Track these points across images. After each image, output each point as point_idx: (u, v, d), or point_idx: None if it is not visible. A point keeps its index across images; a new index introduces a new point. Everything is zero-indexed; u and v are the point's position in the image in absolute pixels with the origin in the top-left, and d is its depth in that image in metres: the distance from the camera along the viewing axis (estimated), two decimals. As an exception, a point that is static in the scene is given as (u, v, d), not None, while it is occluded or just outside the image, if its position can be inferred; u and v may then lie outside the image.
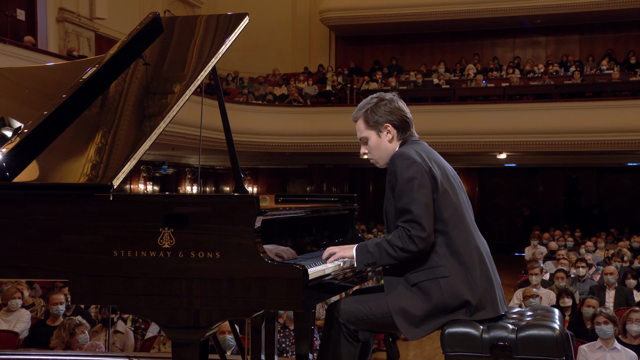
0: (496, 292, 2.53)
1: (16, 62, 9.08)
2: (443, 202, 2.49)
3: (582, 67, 15.65)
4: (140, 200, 2.45)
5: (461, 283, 2.46)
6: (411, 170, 2.46)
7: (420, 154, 2.53)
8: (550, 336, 2.40)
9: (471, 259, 2.49)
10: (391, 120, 2.63)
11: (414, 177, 2.45)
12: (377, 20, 17.22)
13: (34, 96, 3.21)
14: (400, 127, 2.64)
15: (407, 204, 2.43)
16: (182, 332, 2.34)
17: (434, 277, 2.47)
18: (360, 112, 2.68)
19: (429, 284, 2.47)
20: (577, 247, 11.31)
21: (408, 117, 2.67)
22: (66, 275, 2.39)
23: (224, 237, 2.29)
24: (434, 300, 2.46)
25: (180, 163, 18.19)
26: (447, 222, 2.49)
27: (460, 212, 2.53)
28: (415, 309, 2.47)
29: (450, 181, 2.57)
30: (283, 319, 5.54)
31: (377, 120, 2.64)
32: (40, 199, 2.45)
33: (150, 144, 2.58)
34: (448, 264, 2.47)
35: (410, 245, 2.41)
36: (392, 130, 2.64)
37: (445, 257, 2.48)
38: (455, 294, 2.45)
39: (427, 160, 2.52)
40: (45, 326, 5.46)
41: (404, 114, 2.66)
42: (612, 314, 5.03)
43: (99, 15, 13.85)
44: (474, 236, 2.54)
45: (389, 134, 2.64)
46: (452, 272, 2.46)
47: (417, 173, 2.46)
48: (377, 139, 2.65)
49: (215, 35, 3.20)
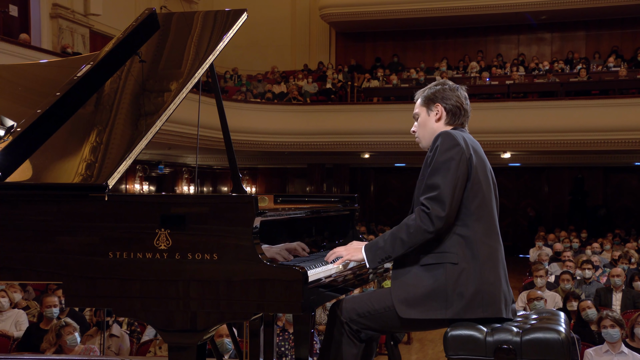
0: (501, 294, 2.53)
1: (9, 59, 9.07)
2: (473, 192, 2.51)
3: (588, 64, 15.65)
4: (136, 201, 2.45)
5: (466, 274, 2.46)
6: (452, 151, 2.48)
7: (466, 140, 2.56)
8: (555, 339, 2.40)
9: (484, 254, 2.49)
10: (444, 102, 2.68)
11: (453, 159, 2.47)
12: (378, 16, 17.23)
13: (27, 94, 3.21)
14: (451, 111, 2.68)
15: (437, 180, 2.45)
16: (178, 335, 2.34)
17: (442, 261, 2.48)
18: (422, 92, 2.76)
19: (436, 267, 2.48)
20: (583, 248, 11.31)
21: (463, 107, 2.69)
22: (60, 278, 2.39)
23: (221, 238, 2.29)
24: (435, 283, 2.47)
25: (177, 162, 18.19)
26: (471, 213, 2.50)
27: (488, 207, 2.54)
28: (414, 288, 2.49)
29: (486, 175, 2.58)
30: (282, 322, 5.54)
31: (431, 98, 2.70)
32: (33, 199, 2.45)
33: (146, 143, 2.58)
34: (460, 253, 2.47)
35: (427, 225, 2.42)
36: (442, 111, 2.68)
37: (459, 245, 2.48)
38: (457, 282, 2.45)
39: (470, 148, 2.54)
40: (38, 329, 5.46)
41: (461, 102, 2.69)
42: (618, 317, 5.03)
43: (93, 12, 13.85)
44: (493, 233, 2.55)
45: (437, 114, 2.68)
46: (462, 261, 2.47)
47: (457, 155, 2.48)
48: (425, 116, 2.71)
49: (212, 31, 3.20)
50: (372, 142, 14.56)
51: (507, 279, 2.59)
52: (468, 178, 2.50)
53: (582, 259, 8.91)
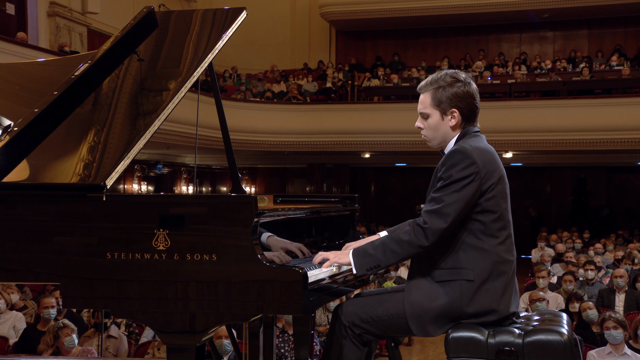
0: (514, 306, 2.53)
1: (6, 58, 9.07)
2: (488, 207, 2.45)
3: (591, 63, 15.65)
4: (134, 201, 2.45)
5: (485, 292, 2.44)
6: (467, 170, 2.42)
7: (482, 155, 2.48)
8: (558, 341, 2.40)
9: (500, 269, 2.46)
10: (460, 106, 2.53)
11: (466, 178, 2.41)
12: (379, 14, 17.23)
13: (24, 93, 3.21)
14: (467, 115, 2.56)
15: (444, 195, 2.40)
16: (177, 337, 2.34)
17: (458, 278, 2.45)
18: (430, 86, 2.57)
19: (452, 284, 2.46)
20: (586, 249, 11.31)
21: (477, 107, 2.59)
22: (57, 278, 2.39)
23: (220, 238, 2.29)
24: (451, 301, 2.45)
25: (175, 162, 18.19)
26: (486, 227, 2.46)
27: (505, 221, 2.50)
28: (430, 304, 2.46)
29: (505, 188, 2.53)
30: (282, 324, 5.54)
31: (445, 101, 2.53)
32: (30, 200, 2.45)
33: (144, 142, 2.58)
34: (476, 269, 2.44)
35: (421, 239, 2.39)
36: (458, 117, 2.54)
37: (475, 261, 2.45)
38: (475, 301, 2.44)
39: (485, 164, 2.47)
40: (35, 331, 5.46)
41: (475, 103, 2.57)
42: (621, 319, 5.03)
43: (91, 10, 13.85)
44: (510, 247, 2.52)
45: (453, 120, 2.55)
46: (477, 278, 2.44)
47: (471, 175, 2.42)
48: (439, 120, 2.56)
49: (211, 30, 3.20)
50: (373, 141, 14.56)
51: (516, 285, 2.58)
52: (484, 193, 2.44)
53: (581, 259, 8.92)
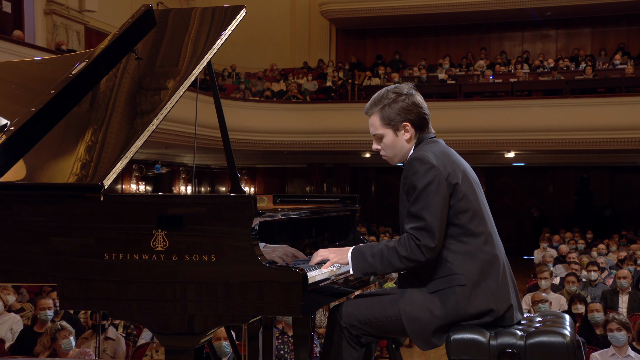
0: (512, 298, 2.54)
1: (2, 56, 9.07)
2: (461, 207, 2.48)
3: (594, 61, 15.65)
4: (132, 201, 2.45)
5: (479, 292, 2.46)
6: (429, 175, 2.43)
7: (439, 157, 2.50)
8: (560, 343, 2.40)
9: (490, 266, 2.49)
10: (410, 118, 2.58)
11: (431, 183, 2.43)
12: (380, 12, 17.22)
13: (21, 92, 3.21)
14: (418, 125, 2.60)
15: (421, 209, 2.42)
16: (175, 338, 2.34)
17: (450, 285, 2.47)
18: (375, 107, 2.62)
19: (446, 292, 2.47)
20: (589, 249, 11.30)
21: (426, 114, 2.62)
22: (55, 279, 2.39)
23: (219, 239, 2.29)
24: (448, 310, 2.46)
25: (174, 162, 18.19)
26: (465, 228, 2.48)
27: (480, 217, 2.52)
28: (429, 318, 2.48)
29: (471, 184, 2.55)
30: (281, 325, 5.54)
31: (394, 118, 2.58)
32: (27, 200, 2.45)
33: (142, 142, 2.58)
34: (465, 272, 2.46)
35: (418, 255, 2.41)
36: (411, 129, 2.59)
37: (462, 264, 2.47)
38: (472, 304, 2.45)
39: (445, 165, 2.49)
40: (32, 332, 5.46)
41: (423, 111, 2.61)
42: (625, 320, 5.03)
43: (88, 8, 13.85)
44: (492, 242, 2.53)
45: (406, 133, 2.60)
46: (470, 280, 2.46)
47: (435, 178, 2.43)
48: (393, 137, 2.61)
49: (210, 28, 3.21)
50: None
51: (513, 279, 2.59)
52: (454, 194, 2.47)
53: (584, 260, 8.91)
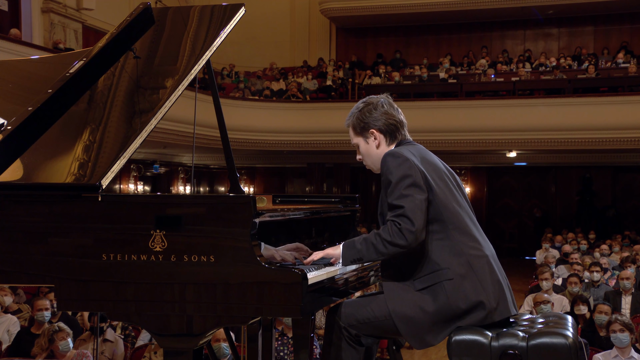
0: (506, 292, 2.55)
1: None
2: (439, 203, 2.52)
3: (597, 60, 15.64)
4: (130, 201, 2.45)
5: (468, 285, 2.48)
6: (403, 167, 2.50)
7: (414, 153, 2.57)
8: (563, 344, 2.40)
9: (476, 260, 2.51)
10: (377, 125, 2.67)
11: (406, 175, 2.48)
12: (380, 11, 17.22)
13: (18, 91, 3.21)
14: (387, 131, 2.68)
15: (398, 199, 2.46)
16: (174, 340, 2.34)
17: (438, 280, 2.50)
18: (349, 119, 2.74)
19: (434, 288, 2.50)
20: (591, 250, 11.30)
21: (396, 120, 2.69)
22: (52, 280, 2.39)
23: (218, 239, 2.30)
24: (439, 305, 2.48)
25: (172, 162, 18.19)
26: (445, 224, 2.53)
27: (458, 213, 2.56)
28: (421, 315, 2.49)
29: (446, 182, 2.60)
30: (281, 326, 5.54)
31: (363, 126, 2.69)
32: (24, 200, 2.45)
33: (141, 141, 2.58)
34: (452, 266, 2.49)
35: (399, 239, 2.43)
36: (379, 135, 2.68)
37: (448, 259, 2.50)
38: (462, 296, 2.47)
39: (421, 161, 2.56)
40: (29, 334, 5.46)
41: (391, 118, 2.69)
42: (628, 321, 5.03)
43: (86, 6, 13.83)
44: (476, 237, 2.57)
45: (375, 140, 2.68)
46: (457, 274, 2.49)
47: (409, 170, 2.49)
48: (365, 145, 2.71)
49: (209, 27, 3.21)
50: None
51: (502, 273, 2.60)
52: (430, 190, 2.51)
53: (587, 261, 8.90)
